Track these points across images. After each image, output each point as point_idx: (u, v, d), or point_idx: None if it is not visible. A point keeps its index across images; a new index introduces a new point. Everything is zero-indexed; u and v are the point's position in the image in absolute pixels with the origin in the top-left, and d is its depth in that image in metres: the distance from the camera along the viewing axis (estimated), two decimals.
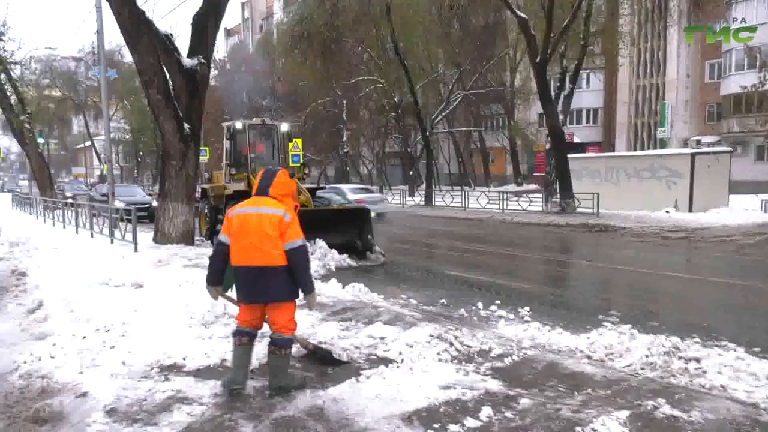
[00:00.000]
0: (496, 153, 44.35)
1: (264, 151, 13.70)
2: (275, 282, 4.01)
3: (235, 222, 4.07)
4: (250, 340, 4.24)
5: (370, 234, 11.37)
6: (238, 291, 4.19)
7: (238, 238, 4.03)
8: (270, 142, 13.82)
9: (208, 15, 11.42)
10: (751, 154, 32.26)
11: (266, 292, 4.04)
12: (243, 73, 45.92)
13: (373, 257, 11.03)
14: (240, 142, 13.11)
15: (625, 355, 5.00)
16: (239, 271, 4.09)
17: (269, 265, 3.97)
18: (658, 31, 36.49)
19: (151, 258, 9.67)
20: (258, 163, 12.82)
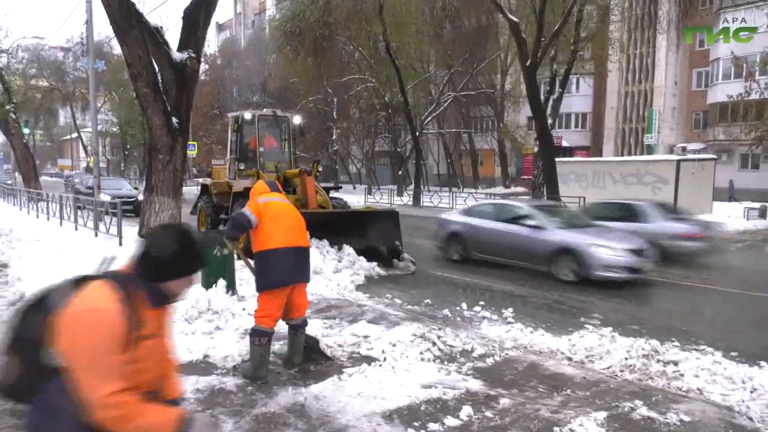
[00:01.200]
0: (485, 155, 44.53)
1: (275, 144, 12.48)
2: (309, 264, 4.55)
3: (273, 208, 4.34)
4: (269, 340, 4.40)
5: (399, 239, 10.49)
6: (278, 275, 4.23)
7: (281, 221, 4.30)
8: (280, 135, 12.64)
9: (199, 9, 11.34)
10: (735, 162, 32.71)
11: (306, 272, 4.48)
12: (234, 68, 45.76)
13: (401, 265, 10.08)
14: (247, 134, 12.09)
15: (605, 357, 5.07)
16: (285, 252, 4.24)
17: (308, 246, 4.48)
18: (647, 38, 36.87)
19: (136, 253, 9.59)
20: (267, 158, 11.84)
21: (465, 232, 11.04)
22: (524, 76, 20.40)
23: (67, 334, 1.66)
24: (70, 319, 1.67)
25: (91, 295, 1.72)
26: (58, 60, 45.80)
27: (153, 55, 10.83)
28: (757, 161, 31.75)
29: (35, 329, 1.73)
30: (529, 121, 34.97)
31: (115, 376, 1.67)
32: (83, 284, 1.77)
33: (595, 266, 8.71)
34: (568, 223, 10.20)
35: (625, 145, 39.29)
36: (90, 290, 1.74)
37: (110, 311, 1.68)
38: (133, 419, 1.69)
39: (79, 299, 1.70)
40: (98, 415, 1.66)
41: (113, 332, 1.67)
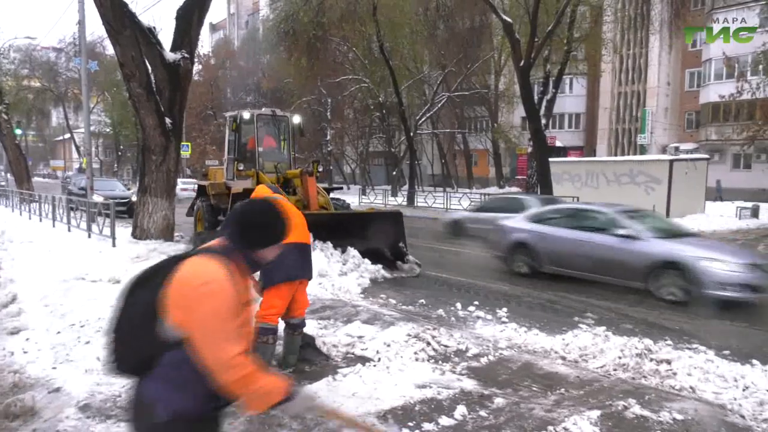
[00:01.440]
0: (479, 155, 44.63)
1: (274, 144, 12.23)
2: (311, 261, 4.60)
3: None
4: (276, 338, 4.45)
5: (403, 241, 10.24)
6: (285, 270, 4.27)
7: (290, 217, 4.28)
8: (280, 135, 12.43)
9: (192, 9, 11.32)
10: (727, 162, 32.92)
11: (310, 269, 4.57)
12: (227, 68, 45.66)
13: (406, 267, 9.82)
14: (246, 134, 11.87)
15: (599, 356, 5.09)
16: (291, 248, 4.26)
17: (310, 243, 4.58)
18: (640, 38, 37.05)
19: (129, 253, 9.56)
20: (266, 159, 11.63)
21: (534, 241, 9.63)
22: (518, 76, 20.45)
23: (188, 305, 1.78)
24: (188, 292, 1.79)
25: (202, 267, 1.85)
26: (51, 60, 45.52)
27: (146, 55, 10.81)
28: (749, 161, 31.98)
29: (147, 306, 1.83)
30: (523, 121, 35.08)
31: (236, 340, 1.81)
32: (187, 260, 1.90)
33: (708, 284, 7.46)
34: (664, 231, 8.86)
35: (619, 145, 39.48)
36: (200, 264, 1.87)
37: (224, 281, 1.82)
38: (253, 381, 1.82)
39: (192, 273, 1.84)
40: (225, 377, 1.78)
41: (230, 299, 1.81)
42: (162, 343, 1.81)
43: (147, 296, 1.85)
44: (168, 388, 1.82)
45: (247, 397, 1.84)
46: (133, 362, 1.87)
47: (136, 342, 1.84)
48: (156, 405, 1.82)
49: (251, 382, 1.81)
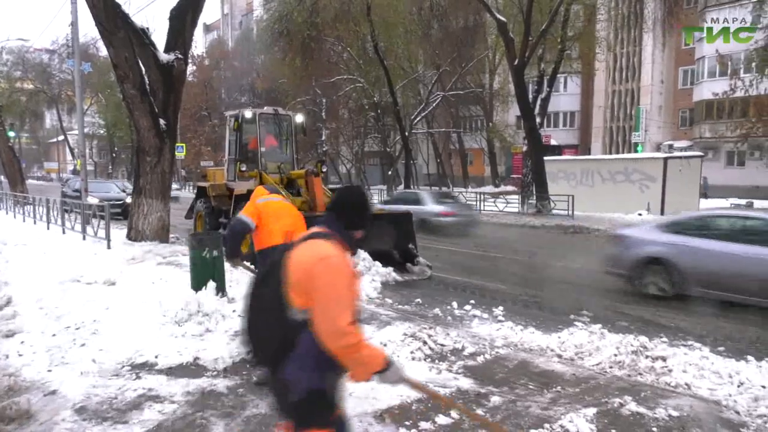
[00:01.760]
0: (474, 154, 44.67)
1: (276, 144, 11.86)
2: None
3: (271, 207, 4.47)
4: None
5: (413, 243, 9.99)
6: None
7: (278, 219, 4.42)
8: (282, 134, 12.10)
9: (186, 10, 11.29)
10: (721, 160, 33.06)
11: None
12: (222, 69, 45.58)
13: (417, 270, 9.54)
14: (247, 133, 11.51)
15: (595, 354, 5.11)
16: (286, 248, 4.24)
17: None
18: (633, 37, 37.16)
19: (124, 255, 9.53)
20: (269, 159, 11.33)
21: (675, 256, 7.75)
22: (512, 75, 20.54)
23: (309, 281, 2.02)
24: (307, 268, 2.04)
25: (317, 247, 2.11)
26: (44, 62, 45.34)
27: (139, 56, 10.77)
28: (742, 158, 32.12)
29: (274, 298, 2.08)
30: (517, 120, 35.16)
31: (350, 310, 2.04)
32: (297, 247, 2.15)
33: None
34: None
35: (613, 143, 39.59)
36: (313, 245, 2.13)
37: (338, 256, 2.08)
38: (361, 349, 2.03)
39: (309, 253, 2.09)
40: (339, 343, 1.99)
41: (345, 272, 2.07)
42: (294, 328, 2.05)
43: (272, 290, 2.11)
44: (303, 369, 2.06)
45: (352, 365, 2.07)
46: (271, 352, 2.11)
47: (272, 333, 2.10)
48: (293, 384, 2.07)
49: (358, 350, 2.02)
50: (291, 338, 2.06)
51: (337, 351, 2.01)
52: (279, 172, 10.87)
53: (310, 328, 2.02)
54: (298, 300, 2.05)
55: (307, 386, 2.07)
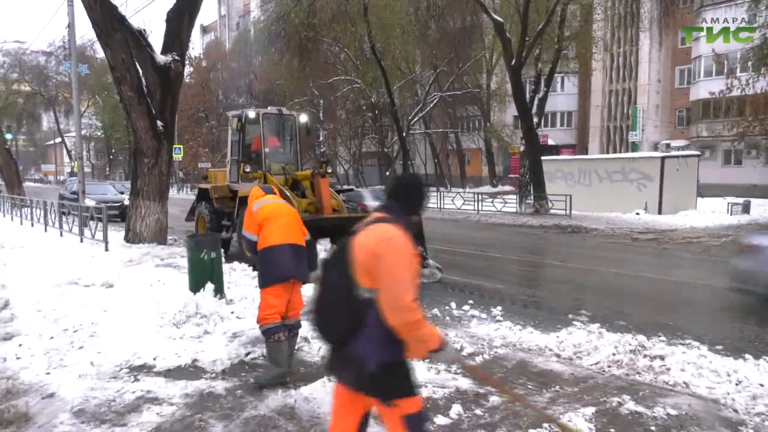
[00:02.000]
0: (472, 154, 44.72)
1: (279, 144, 11.60)
2: (306, 262, 4.52)
3: (266, 209, 4.48)
4: (286, 332, 4.41)
5: (423, 245, 9.54)
6: (278, 270, 4.33)
7: (275, 220, 4.42)
8: (286, 135, 11.80)
9: (183, 11, 11.29)
10: (718, 158, 33.14)
11: (304, 269, 4.49)
12: (219, 70, 45.56)
13: (427, 273, 9.16)
14: (250, 134, 11.21)
15: (593, 353, 5.11)
16: (284, 248, 4.34)
17: (304, 245, 4.52)
18: (630, 36, 37.24)
19: (122, 257, 9.52)
20: (273, 160, 11.10)
21: None
22: (509, 75, 20.56)
23: (374, 261, 2.18)
24: (373, 249, 2.19)
25: (381, 229, 2.27)
26: (41, 64, 45.30)
27: (136, 58, 10.77)
28: (739, 157, 32.20)
29: (343, 280, 2.24)
30: (515, 120, 35.19)
31: (413, 287, 2.17)
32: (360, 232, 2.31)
33: None
34: None
35: (611, 143, 39.65)
36: (376, 228, 2.29)
37: (401, 236, 2.24)
38: (421, 326, 2.17)
39: (373, 235, 2.26)
40: (401, 317, 2.13)
41: (408, 251, 2.22)
42: (363, 306, 2.20)
43: (339, 272, 2.26)
44: (373, 344, 2.19)
45: (413, 342, 2.20)
46: (341, 331, 2.25)
47: (342, 312, 2.25)
48: (366, 359, 2.19)
49: (419, 327, 2.16)
50: (359, 316, 2.20)
51: (400, 326, 2.14)
52: (284, 173, 10.69)
53: (377, 306, 2.17)
54: (364, 280, 2.20)
55: (378, 359, 2.19)
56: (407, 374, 2.30)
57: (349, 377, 2.31)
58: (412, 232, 2.35)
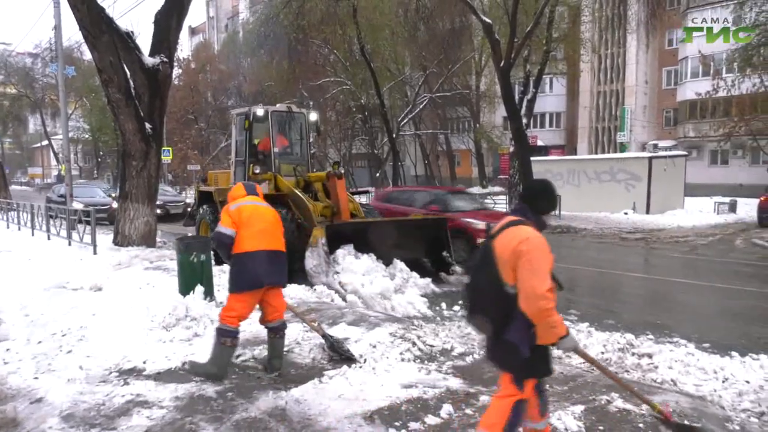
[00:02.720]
0: (461, 155, 44.84)
1: (287, 144, 11.02)
2: (284, 267, 4.52)
3: (245, 212, 4.38)
4: (235, 343, 4.43)
5: (448, 250, 9.20)
6: (248, 277, 4.29)
7: (253, 224, 4.34)
8: (295, 134, 11.23)
9: (171, 13, 11.25)
10: (705, 159, 33.48)
11: (281, 275, 4.47)
12: (208, 72, 45.32)
13: (452, 279, 8.80)
14: (257, 133, 10.59)
15: None
16: (259, 255, 4.29)
17: (283, 250, 4.48)
18: (617, 38, 37.53)
19: (110, 260, 9.46)
20: (283, 160, 10.55)
21: None
22: (498, 76, 20.62)
23: (516, 259, 2.54)
24: (513, 248, 2.57)
25: (518, 231, 2.65)
26: (27, 66, 44.81)
27: (124, 60, 10.71)
28: (726, 157, 32.54)
29: (491, 280, 2.61)
30: (504, 121, 35.34)
31: (548, 279, 2.53)
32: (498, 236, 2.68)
33: None
34: None
35: (599, 143, 39.92)
36: (514, 231, 2.66)
37: (537, 236, 2.62)
38: (553, 313, 2.52)
39: (511, 237, 2.63)
40: (537, 305, 2.48)
41: (544, 248, 2.59)
42: (512, 301, 2.56)
43: (487, 273, 2.63)
44: (524, 332, 2.57)
45: (544, 328, 2.54)
46: (495, 325, 2.64)
47: (494, 307, 2.63)
48: (520, 347, 2.57)
49: (550, 315, 2.50)
50: (510, 310, 2.57)
51: (534, 313, 2.50)
52: (295, 174, 10.25)
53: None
54: (509, 277, 2.58)
55: (530, 345, 2.59)
56: (548, 356, 2.71)
57: (506, 363, 2.72)
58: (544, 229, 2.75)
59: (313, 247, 8.19)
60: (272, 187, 9.83)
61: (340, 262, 8.06)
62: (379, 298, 7.37)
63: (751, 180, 29.58)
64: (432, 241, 9.29)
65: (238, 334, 4.42)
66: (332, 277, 7.85)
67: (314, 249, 8.18)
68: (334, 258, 8.12)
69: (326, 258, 8.00)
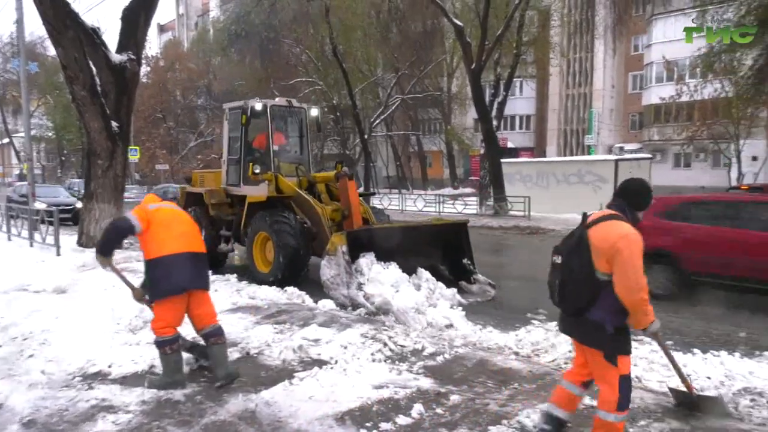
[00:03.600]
0: (433, 156, 45.12)
1: (284, 141, 10.20)
2: (207, 270, 4.46)
3: (163, 214, 4.26)
4: (179, 344, 4.32)
5: (470, 257, 8.50)
6: (171, 282, 4.11)
7: (173, 227, 4.23)
8: (295, 130, 10.47)
9: (139, 9, 11.05)
10: (669, 161, 34.40)
11: (203, 278, 4.37)
12: (177, 70, 44.60)
13: (475, 289, 8.08)
14: (254, 129, 9.79)
15: (551, 350, 5.25)
16: (177, 258, 4.13)
17: (204, 252, 4.41)
18: (585, 43, 38.30)
19: (74, 262, 9.23)
20: (283, 159, 9.84)
21: None
22: (469, 79, 20.84)
23: (613, 252, 2.85)
24: (612, 242, 2.86)
25: (615, 226, 2.94)
26: None
27: (90, 57, 10.48)
28: (689, 160, 33.50)
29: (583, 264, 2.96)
30: (475, 123, 35.67)
31: (643, 272, 2.84)
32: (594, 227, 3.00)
33: None
34: None
35: (567, 146, 40.67)
36: (611, 225, 2.97)
37: (633, 232, 2.90)
38: (646, 304, 2.89)
39: (609, 231, 2.93)
40: (635, 296, 2.85)
41: (640, 243, 2.87)
42: (599, 286, 2.91)
43: (581, 259, 2.97)
44: (609, 312, 2.94)
45: (639, 315, 2.91)
46: (580, 304, 3.00)
47: (585, 291, 2.96)
48: (605, 323, 2.95)
49: (645, 304, 2.87)
50: (595, 293, 2.93)
51: (633, 302, 2.85)
52: (297, 174, 9.50)
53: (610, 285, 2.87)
54: (602, 265, 2.89)
55: (613, 325, 2.95)
56: (628, 337, 3.04)
57: (589, 338, 3.07)
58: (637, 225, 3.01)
59: (331, 256, 7.30)
60: (273, 189, 8.91)
61: (365, 272, 7.16)
62: (412, 312, 6.52)
63: (713, 182, 30.49)
64: (450, 247, 8.53)
65: (178, 339, 4.29)
66: (355, 289, 7.02)
67: (332, 258, 7.28)
68: (356, 267, 7.23)
69: (347, 268, 7.13)
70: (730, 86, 21.52)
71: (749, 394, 4.15)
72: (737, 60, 18.15)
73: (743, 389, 4.23)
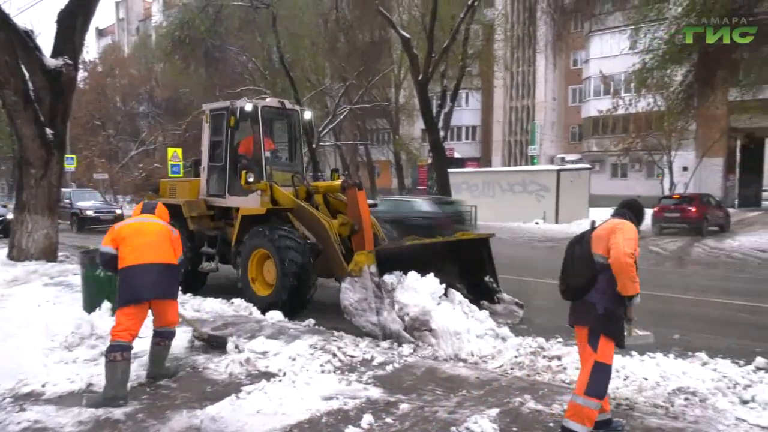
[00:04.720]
0: (381, 166, 45.39)
1: (273, 147, 9.19)
2: (174, 279, 4.57)
3: (126, 230, 4.46)
4: (128, 356, 4.27)
5: (493, 275, 7.77)
6: (129, 292, 4.31)
7: (134, 238, 4.39)
8: (285, 135, 9.63)
9: (76, 13, 10.61)
10: (607, 171, 35.92)
11: (168, 287, 4.49)
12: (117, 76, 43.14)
13: (500, 309, 7.36)
14: (241, 133, 8.79)
15: (497, 357, 5.35)
16: (140, 269, 4.30)
17: (170, 263, 4.48)
18: (527, 57, 39.61)
19: (4, 276, 8.71)
20: (274, 166, 8.80)
21: None
22: (417, 90, 21.12)
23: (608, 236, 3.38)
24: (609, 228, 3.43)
25: (616, 220, 3.53)
26: None
27: (22, 60, 9.98)
28: (625, 170, 35.10)
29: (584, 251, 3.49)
30: (422, 133, 36.15)
31: (632, 249, 3.31)
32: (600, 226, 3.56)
33: None
34: None
35: (512, 156, 41.83)
36: (612, 220, 3.54)
37: (630, 224, 3.48)
38: (634, 270, 3.30)
39: (610, 223, 3.51)
40: (624, 260, 3.25)
41: (634, 232, 3.43)
42: (597, 270, 3.39)
43: (582, 247, 3.51)
44: (602, 295, 3.38)
45: (627, 280, 3.27)
46: (579, 287, 3.46)
47: (583, 273, 3.44)
48: (597, 305, 3.39)
49: (631, 269, 3.26)
50: (594, 277, 3.39)
51: (621, 266, 3.25)
52: (292, 183, 8.52)
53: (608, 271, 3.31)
54: (600, 250, 3.39)
55: (605, 306, 3.38)
56: (619, 321, 3.44)
57: (585, 318, 3.45)
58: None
59: (356, 277, 6.22)
60: (267, 200, 7.99)
61: (399, 297, 6.10)
62: (455, 339, 5.74)
63: (647, 192, 32.02)
64: (470, 264, 7.74)
65: (131, 349, 4.29)
66: (388, 315, 5.95)
67: (357, 280, 6.21)
68: (386, 289, 6.17)
69: (376, 291, 6.04)
70: (662, 101, 22.70)
71: (683, 394, 4.36)
72: (668, 76, 19.15)
73: (677, 389, 4.44)
